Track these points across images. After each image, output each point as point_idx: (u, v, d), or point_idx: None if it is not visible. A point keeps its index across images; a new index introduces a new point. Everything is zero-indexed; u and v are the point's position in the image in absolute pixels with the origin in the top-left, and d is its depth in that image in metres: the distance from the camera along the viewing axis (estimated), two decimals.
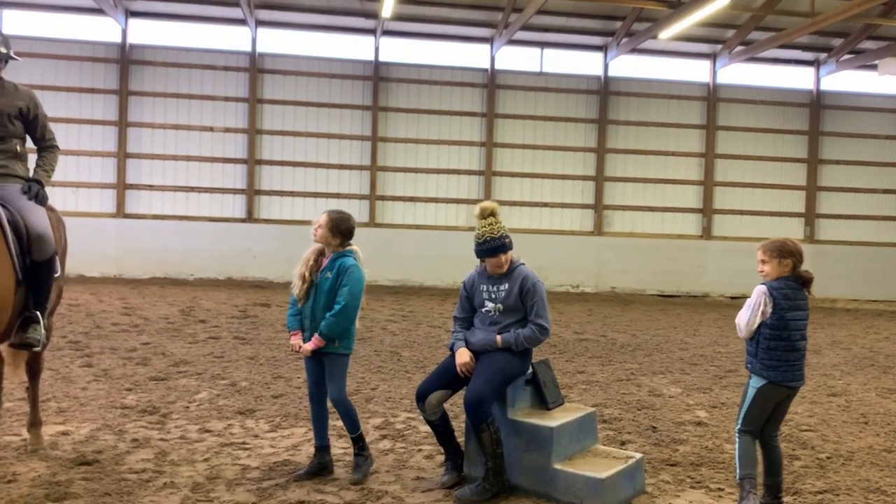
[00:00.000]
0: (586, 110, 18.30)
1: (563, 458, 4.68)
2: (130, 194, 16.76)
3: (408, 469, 5.14)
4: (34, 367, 5.39)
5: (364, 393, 7.20)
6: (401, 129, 17.69)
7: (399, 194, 17.72)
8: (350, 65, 17.51)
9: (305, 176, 17.41)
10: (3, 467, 4.86)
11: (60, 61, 16.36)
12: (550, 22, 17.12)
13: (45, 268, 4.53)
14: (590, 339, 11.14)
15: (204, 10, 16.66)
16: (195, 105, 16.94)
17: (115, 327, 10.31)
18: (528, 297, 4.79)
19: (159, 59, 16.81)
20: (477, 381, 4.62)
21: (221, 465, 5.07)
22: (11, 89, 4.75)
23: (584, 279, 17.94)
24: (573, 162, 18.26)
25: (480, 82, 17.91)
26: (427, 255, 17.30)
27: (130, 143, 16.73)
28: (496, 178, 17.96)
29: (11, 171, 4.73)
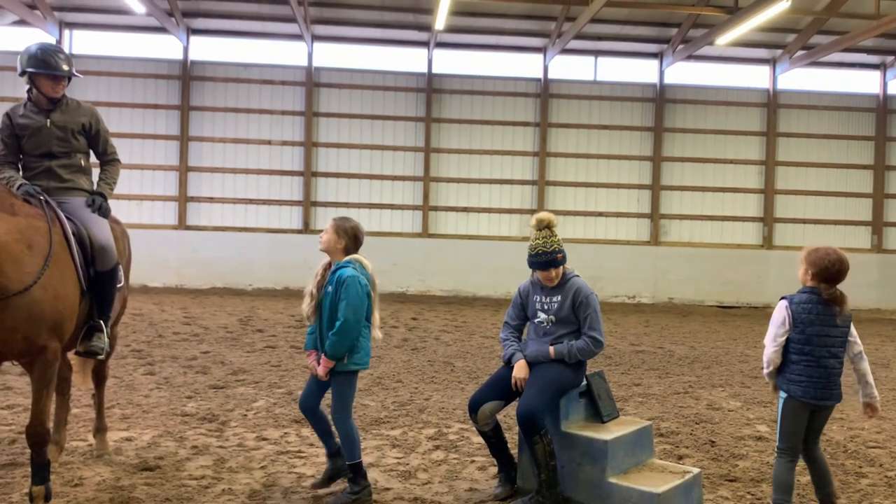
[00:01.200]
0: (642, 118, 18.07)
1: (618, 471, 4.60)
2: (192, 207, 17.23)
3: (461, 480, 5.13)
4: (100, 374, 5.57)
5: (417, 403, 7.22)
6: (454, 140, 17.77)
7: (452, 205, 17.78)
8: (403, 77, 17.69)
9: (360, 187, 17.62)
10: (70, 471, 5.03)
11: (125, 79, 16.96)
12: (604, 30, 17.00)
13: (109, 278, 4.68)
14: (646, 350, 10.95)
15: (262, 27, 17.07)
16: (253, 119, 17.34)
17: (176, 336, 10.60)
18: (581, 309, 4.75)
19: (219, 75, 17.27)
20: (530, 393, 4.59)
21: (277, 473, 5.15)
22: (74, 106, 4.94)
23: (641, 290, 17.66)
24: (628, 171, 18.04)
25: (533, 92, 17.87)
26: (480, 266, 17.29)
27: (192, 157, 17.21)
28: (550, 188, 17.87)
29: (76, 185, 4.91)
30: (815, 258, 4.32)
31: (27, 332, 4.03)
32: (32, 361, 4.18)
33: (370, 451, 5.71)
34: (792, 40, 17.24)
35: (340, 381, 4.63)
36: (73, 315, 4.35)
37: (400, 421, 6.57)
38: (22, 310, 3.97)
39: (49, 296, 4.10)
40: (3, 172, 4.77)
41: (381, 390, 7.74)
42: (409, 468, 5.32)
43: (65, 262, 4.31)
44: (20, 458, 5.22)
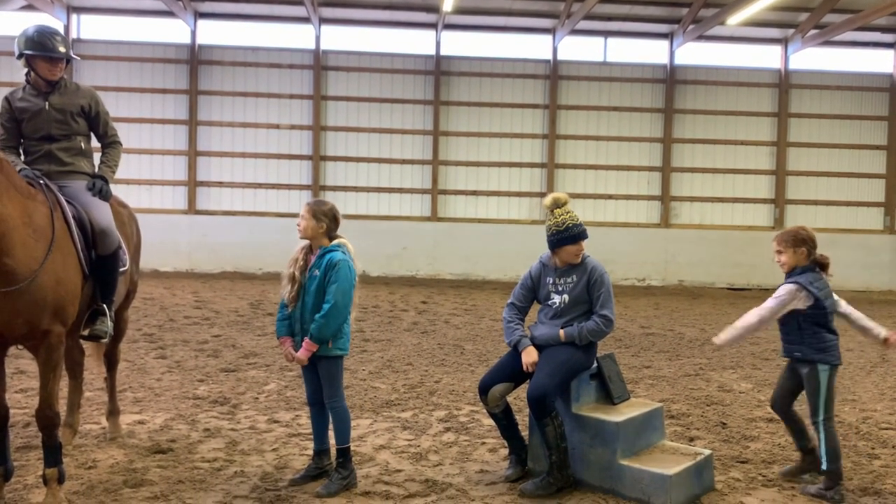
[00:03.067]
0: (652, 100, 17.93)
1: (629, 453, 4.60)
2: (201, 191, 17.25)
3: (472, 462, 5.14)
4: (112, 358, 5.60)
5: (427, 386, 7.24)
6: (462, 123, 17.69)
7: (461, 188, 17.73)
8: (411, 59, 17.59)
9: (369, 171, 17.59)
10: (83, 454, 5.07)
11: (133, 63, 16.93)
12: (614, 10, 16.82)
13: (111, 262, 4.67)
14: (656, 333, 10.93)
15: (270, 10, 16.99)
16: (262, 103, 17.30)
17: (187, 320, 10.64)
18: (595, 287, 4.73)
19: (227, 59, 17.23)
20: (540, 375, 4.58)
21: (289, 455, 5.17)
22: (73, 88, 4.90)
23: (651, 272, 17.61)
24: (639, 152, 17.92)
25: (543, 74, 17.74)
26: (489, 249, 17.26)
27: (200, 142, 17.21)
28: (559, 171, 17.78)
29: (76, 168, 4.88)
30: (801, 237, 4.71)
31: (30, 316, 4.04)
32: (37, 345, 4.19)
33: (381, 433, 5.73)
34: (804, 19, 17.02)
35: (328, 368, 4.57)
36: (75, 299, 4.35)
37: (410, 403, 6.59)
38: (25, 294, 3.98)
39: (51, 280, 4.10)
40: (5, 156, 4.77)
41: (391, 373, 7.76)
42: (420, 450, 5.33)
43: (66, 247, 4.30)
44: (34, 440, 5.25)
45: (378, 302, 13.04)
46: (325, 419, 4.75)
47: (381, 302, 13.05)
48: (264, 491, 4.53)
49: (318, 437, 4.77)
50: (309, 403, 4.80)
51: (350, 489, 4.55)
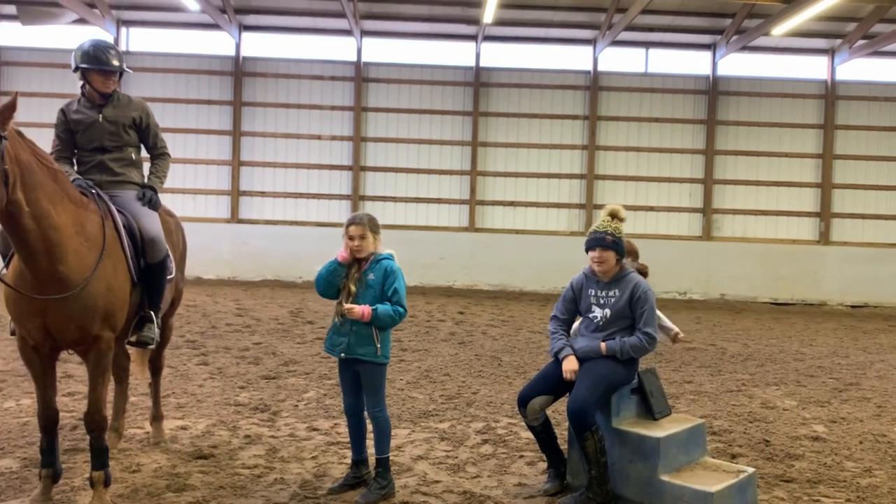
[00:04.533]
0: (694, 111, 17.73)
1: (671, 469, 4.54)
2: (244, 200, 17.53)
3: (510, 475, 5.12)
4: (156, 364, 5.72)
5: (465, 397, 7.23)
6: (501, 134, 17.69)
7: (499, 199, 17.71)
8: (451, 71, 17.67)
9: (407, 181, 17.68)
10: (128, 458, 5.18)
11: (180, 75, 17.31)
12: (656, 21, 16.70)
13: (159, 269, 4.78)
14: (698, 347, 10.77)
15: (312, 23, 17.24)
16: (304, 114, 17.53)
17: (228, 327, 10.81)
18: (638, 304, 4.69)
19: (270, 71, 17.51)
20: (580, 389, 4.55)
21: (328, 464, 5.21)
22: (126, 101, 5.05)
23: (692, 286, 17.35)
24: (680, 164, 17.72)
25: (583, 84, 17.67)
26: (527, 260, 17.20)
27: (244, 152, 17.49)
28: (599, 182, 17.66)
29: (127, 178, 5.02)
30: (631, 248, 5.52)
31: (81, 322, 4.15)
32: (87, 350, 4.31)
33: (419, 443, 5.74)
34: (852, 29, 16.68)
35: (372, 375, 4.61)
36: (124, 306, 4.46)
37: (448, 414, 6.59)
38: (77, 301, 4.09)
39: (102, 287, 4.21)
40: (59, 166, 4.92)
41: (428, 383, 7.77)
42: (458, 461, 5.33)
43: (117, 255, 4.41)
44: (81, 443, 5.38)
45: (415, 312, 13.07)
46: (363, 429, 4.78)
47: (417, 312, 13.08)
48: (303, 499, 4.58)
49: (357, 446, 4.80)
50: (346, 414, 4.82)
51: (388, 499, 4.57)
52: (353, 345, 4.58)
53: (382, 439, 4.63)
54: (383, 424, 4.64)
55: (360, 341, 4.56)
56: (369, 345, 4.56)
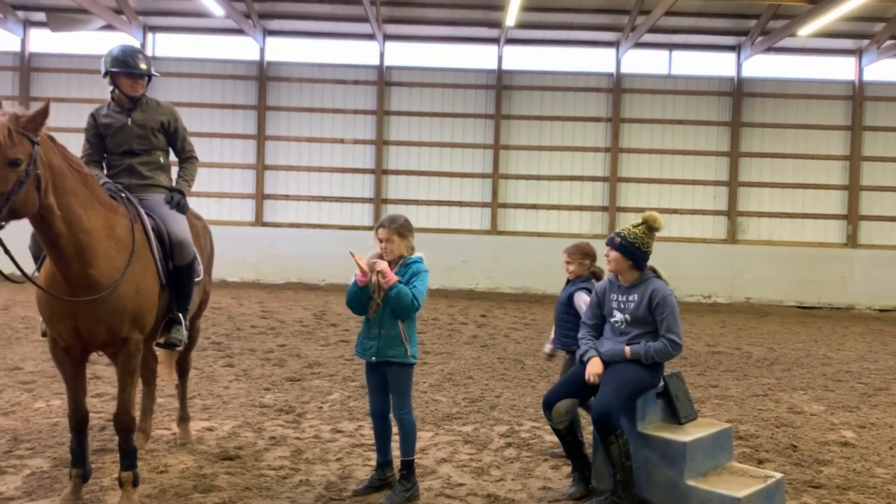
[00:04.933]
0: (718, 113, 17.58)
1: (697, 474, 4.50)
2: (268, 204, 17.67)
3: (534, 478, 5.11)
4: (183, 366, 5.78)
5: (488, 400, 7.23)
6: (523, 137, 17.67)
7: (521, 202, 17.68)
8: (473, 74, 17.68)
9: (429, 184, 17.71)
10: (155, 458, 5.24)
11: (205, 80, 17.49)
12: (679, 23, 16.59)
13: (187, 272, 4.83)
14: (723, 351, 10.67)
15: (335, 27, 17.35)
16: (327, 118, 17.64)
17: (253, 329, 10.89)
18: (657, 310, 4.65)
19: (294, 76, 17.63)
20: (605, 392, 4.54)
21: (353, 466, 5.24)
22: (154, 105, 5.13)
23: (717, 289, 17.18)
24: (704, 167, 17.57)
25: (605, 87, 17.60)
26: (550, 264, 16.93)
27: (268, 156, 17.63)
28: (622, 185, 17.57)
29: (156, 182, 5.09)
30: (590, 251, 5.66)
31: (111, 324, 4.21)
32: (116, 352, 4.37)
33: (442, 446, 5.75)
34: (880, 30, 16.45)
35: (399, 376, 4.64)
36: (153, 308, 4.52)
37: (471, 417, 6.59)
38: (107, 303, 4.15)
39: (131, 290, 4.28)
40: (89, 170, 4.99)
41: (451, 386, 7.77)
42: (482, 465, 5.33)
43: (146, 258, 4.48)
44: (109, 444, 5.46)
45: (437, 315, 13.09)
46: (389, 431, 4.80)
47: (440, 315, 13.10)
48: (329, 500, 4.60)
49: (382, 449, 4.82)
50: (372, 416, 4.84)
51: (413, 501, 4.59)
52: (383, 347, 4.61)
53: (408, 441, 4.65)
54: (409, 427, 4.66)
55: (390, 343, 4.60)
56: (399, 345, 4.59)
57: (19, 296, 13.08)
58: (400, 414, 4.66)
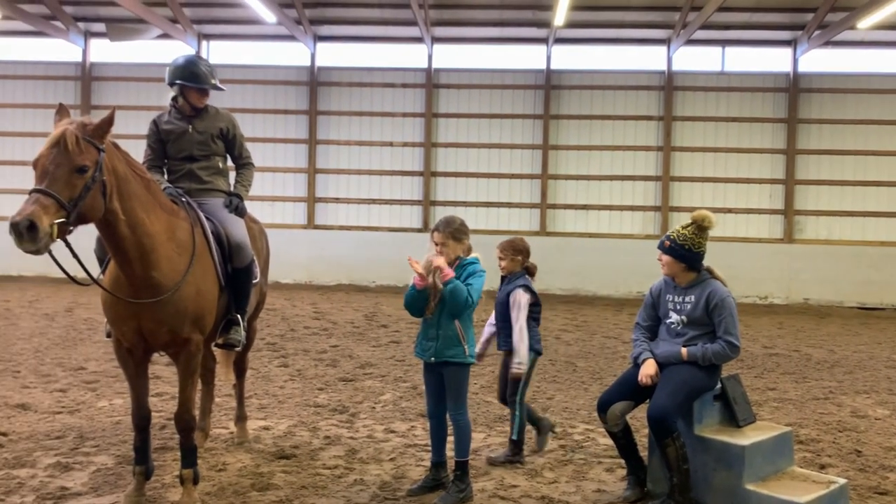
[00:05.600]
0: (773, 109, 17.17)
1: (756, 478, 4.41)
2: (319, 207, 17.91)
3: (588, 481, 5.07)
4: (241, 366, 5.90)
5: (540, 402, 7.19)
6: (573, 137, 17.54)
7: (571, 202, 17.55)
8: (521, 75, 17.63)
9: (478, 186, 17.72)
10: (214, 456, 5.36)
11: (258, 86, 17.82)
12: (732, 19, 16.27)
13: (245, 274, 4.94)
14: (781, 353, 10.41)
15: (384, 31, 17.50)
16: (376, 121, 17.80)
17: (306, 330, 11.06)
18: (715, 312, 4.57)
19: (344, 80, 17.85)
20: (661, 395, 4.47)
21: (406, 466, 5.27)
22: (213, 113, 5.27)
23: (773, 290, 16.77)
24: (759, 164, 17.18)
25: (657, 85, 17.36)
26: (600, 264, 16.97)
27: (319, 159, 17.88)
28: (674, 184, 17.30)
29: (215, 186, 5.23)
30: (523, 247, 5.62)
31: (172, 325, 4.33)
32: (178, 353, 4.49)
33: (495, 447, 5.74)
34: None
35: (456, 375, 4.65)
36: (213, 309, 4.63)
37: None
38: (169, 305, 4.27)
39: (192, 292, 4.39)
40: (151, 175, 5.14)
41: None
42: (535, 466, 5.31)
43: (206, 260, 4.59)
44: (170, 442, 5.61)
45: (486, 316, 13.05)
46: (444, 432, 4.82)
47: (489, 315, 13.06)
48: (383, 500, 4.64)
49: (437, 449, 4.84)
50: (429, 416, 4.87)
51: (467, 502, 4.59)
52: (441, 348, 4.63)
53: (462, 443, 4.66)
54: (464, 428, 4.66)
55: (448, 344, 4.62)
56: (457, 346, 4.61)
57: (81, 298, 13.52)
58: (455, 415, 4.67)
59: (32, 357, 8.62)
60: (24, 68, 18.12)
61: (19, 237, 3.52)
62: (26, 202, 3.60)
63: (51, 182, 3.66)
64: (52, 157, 3.70)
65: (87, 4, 16.92)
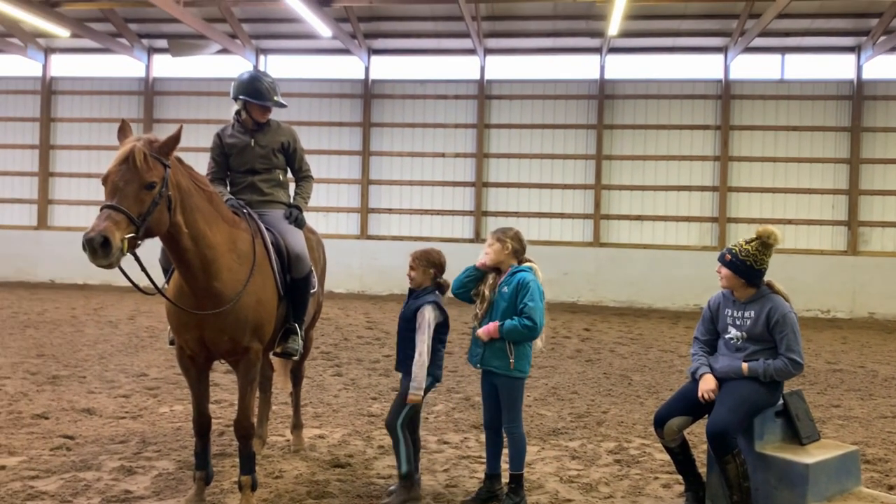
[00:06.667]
0: (836, 118, 16.69)
1: (821, 498, 4.28)
2: (372, 217, 18.09)
3: (644, 497, 4.99)
4: (297, 375, 5.99)
5: (595, 416, 7.11)
6: (627, 146, 17.35)
7: (625, 213, 17.33)
8: (575, 85, 17.54)
9: (530, 197, 17.65)
10: (271, 464, 5.45)
11: (313, 99, 18.13)
12: (792, 25, 15.90)
13: (303, 284, 5.03)
14: (845, 370, 10.07)
15: (437, 44, 17.63)
16: (428, 133, 17.92)
17: (359, 340, 11.16)
18: (776, 329, 4.45)
19: (397, 93, 18.03)
20: (721, 410, 4.38)
21: (459, 477, 5.27)
22: (275, 127, 5.41)
23: (836, 304, 16.25)
24: (821, 174, 16.70)
25: (713, 94, 17.06)
26: (655, 276, 16.70)
27: (372, 171, 18.08)
28: (732, 195, 16.94)
29: (275, 198, 5.35)
30: (437, 260, 4.96)
31: (233, 334, 4.43)
32: (238, 361, 4.59)
33: (549, 460, 5.70)
34: None
35: (508, 388, 4.63)
36: (272, 318, 4.72)
37: (578, 433, 6.50)
38: (230, 314, 4.37)
39: (253, 301, 4.49)
40: (214, 188, 5.28)
41: (556, 401, 7.70)
42: (590, 481, 5.25)
43: (265, 270, 4.69)
44: (228, 449, 5.72)
45: None
46: (500, 444, 4.80)
47: None
48: None
49: (492, 461, 4.82)
50: (485, 427, 4.86)
51: None
52: (488, 357, 4.65)
53: (517, 456, 4.64)
54: (518, 440, 4.64)
55: (494, 353, 4.62)
56: (503, 358, 4.59)
57: (143, 306, 13.92)
58: (509, 427, 4.66)
59: (97, 363, 8.91)
60: (90, 84, 18.81)
61: (93, 253, 3.64)
62: (98, 218, 3.72)
63: (121, 198, 3.79)
64: (122, 174, 3.83)
65: (150, 22, 17.49)
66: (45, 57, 18.73)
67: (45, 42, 18.45)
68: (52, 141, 18.86)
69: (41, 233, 18.63)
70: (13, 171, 18.93)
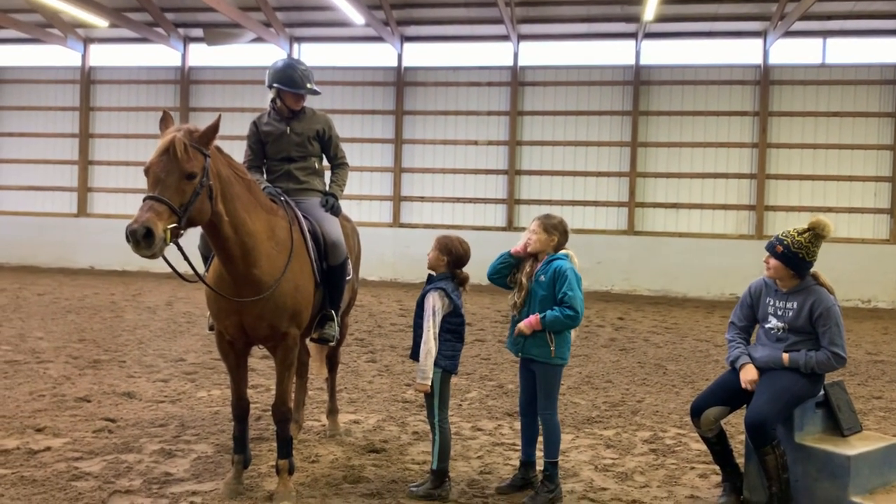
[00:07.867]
0: (880, 103, 16.28)
1: (863, 491, 4.21)
2: (405, 205, 18.14)
3: (680, 486, 4.95)
4: (333, 360, 6.05)
5: (629, 405, 7.07)
6: (662, 133, 17.12)
7: (660, 201, 17.13)
8: (609, 71, 17.34)
9: (563, 184, 17.53)
10: (307, 448, 5.51)
11: (346, 87, 18.19)
12: (834, 8, 15.52)
13: (339, 271, 5.07)
14: (887, 360, 9.88)
15: (470, 30, 17.55)
16: (461, 120, 17.87)
17: (393, 327, 11.22)
18: (819, 321, 4.37)
19: (430, 80, 18.00)
20: (760, 400, 4.32)
21: (494, 464, 5.28)
22: (310, 114, 5.43)
23: (877, 293, 15.91)
24: (864, 161, 16.32)
25: (752, 79, 16.74)
26: (691, 265, 16.50)
27: (404, 159, 18.10)
28: (770, 182, 16.64)
29: (311, 186, 5.38)
30: (453, 247, 4.91)
31: (272, 320, 4.48)
32: (276, 346, 4.65)
33: (583, 449, 5.68)
34: None
35: (546, 375, 4.62)
36: (309, 305, 4.77)
37: (612, 422, 6.47)
38: (269, 300, 4.42)
39: (291, 288, 4.53)
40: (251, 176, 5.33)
41: (590, 389, 7.66)
42: (625, 470, 5.22)
43: (303, 257, 4.73)
44: (265, 433, 5.80)
45: None
46: (536, 431, 4.81)
47: None
48: (472, 497, 4.66)
49: (526, 448, 4.83)
50: (521, 413, 4.87)
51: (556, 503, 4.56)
52: (529, 346, 4.64)
53: (552, 443, 4.63)
54: (553, 428, 4.63)
55: (536, 342, 4.61)
56: (543, 346, 4.58)
57: (181, 292, 14.14)
58: (544, 414, 4.65)
59: (136, 348, 9.08)
60: (128, 73, 19.10)
61: (137, 244, 3.70)
62: (141, 209, 3.78)
63: (162, 189, 3.84)
64: (163, 165, 3.89)
65: (186, 11, 17.67)
66: (84, 47, 19.05)
67: (83, 32, 18.75)
68: (92, 130, 19.20)
69: (81, 220, 19.01)
70: (54, 159, 19.33)
